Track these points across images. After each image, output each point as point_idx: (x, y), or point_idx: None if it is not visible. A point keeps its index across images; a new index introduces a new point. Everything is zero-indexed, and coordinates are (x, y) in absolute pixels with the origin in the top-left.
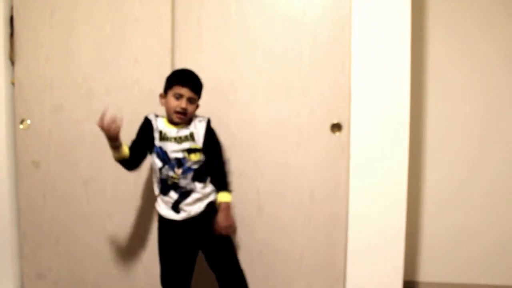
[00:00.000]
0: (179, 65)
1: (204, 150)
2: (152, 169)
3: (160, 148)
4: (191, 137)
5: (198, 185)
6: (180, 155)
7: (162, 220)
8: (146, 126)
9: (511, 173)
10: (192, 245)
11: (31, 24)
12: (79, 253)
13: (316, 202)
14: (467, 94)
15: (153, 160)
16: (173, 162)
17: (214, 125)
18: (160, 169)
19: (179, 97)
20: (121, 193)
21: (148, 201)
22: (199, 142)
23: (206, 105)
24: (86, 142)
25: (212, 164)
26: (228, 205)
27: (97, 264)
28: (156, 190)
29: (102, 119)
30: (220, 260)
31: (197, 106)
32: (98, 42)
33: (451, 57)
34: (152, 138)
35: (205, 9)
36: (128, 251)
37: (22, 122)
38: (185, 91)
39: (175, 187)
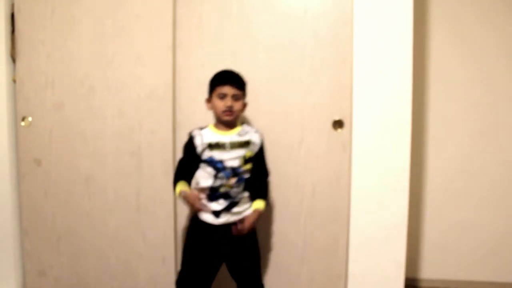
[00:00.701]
0: (181, 62)
1: (254, 160)
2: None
3: (212, 157)
4: (246, 143)
5: (245, 195)
6: (236, 163)
7: (197, 221)
8: (191, 145)
9: None
10: (220, 251)
11: (32, 21)
12: (81, 251)
13: (318, 198)
14: (469, 90)
15: (203, 168)
16: (228, 171)
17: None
18: (214, 176)
19: (223, 96)
20: (122, 190)
21: (149, 198)
22: (253, 151)
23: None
24: (87, 139)
25: (258, 174)
26: (259, 213)
27: (99, 262)
28: (203, 195)
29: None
30: (243, 272)
31: (245, 105)
32: (99, 39)
33: (453, 53)
34: (199, 155)
35: (206, 6)
36: (129, 248)
37: (23, 119)
38: (228, 89)
39: (226, 196)
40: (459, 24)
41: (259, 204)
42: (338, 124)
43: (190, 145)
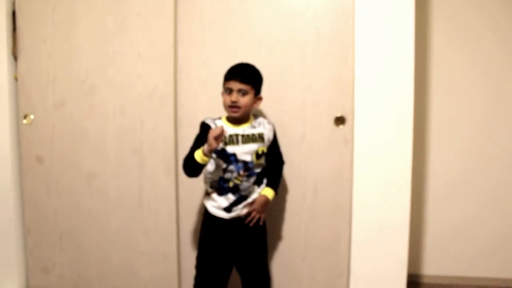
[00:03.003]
0: (182, 60)
1: (268, 153)
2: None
3: (225, 150)
4: (260, 137)
5: (256, 189)
6: (248, 158)
7: (209, 216)
8: (206, 134)
9: None
10: (232, 245)
11: (33, 19)
12: (83, 248)
13: (320, 195)
14: (471, 86)
15: (212, 161)
16: (240, 165)
17: (217, 120)
18: (224, 169)
19: (229, 91)
20: (124, 188)
21: (151, 196)
22: (266, 145)
23: (210, 100)
24: (89, 137)
25: (272, 162)
26: (267, 199)
27: (101, 259)
28: (210, 188)
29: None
30: (250, 265)
31: (259, 99)
32: (100, 37)
33: (455, 49)
34: None
35: (207, 4)
36: (131, 246)
37: (25, 117)
38: (233, 84)
39: (235, 190)
40: (461, 20)
41: (268, 191)
42: (340, 120)
43: (205, 134)
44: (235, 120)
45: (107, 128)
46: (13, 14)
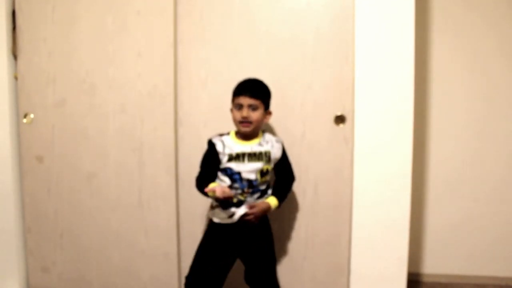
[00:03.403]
0: (182, 59)
1: (277, 168)
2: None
3: (230, 168)
4: (266, 156)
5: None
6: (253, 176)
7: (213, 225)
8: (212, 152)
9: None
10: (234, 248)
11: (33, 18)
12: (83, 247)
13: (320, 193)
14: (471, 85)
15: (219, 176)
16: (245, 183)
17: (217, 119)
18: (229, 186)
19: (239, 107)
20: (124, 187)
21: (151, 195)
22: (272, 163)
23: (210, 99)
24: (89, 136)
25: (283, 178)
26: (269, 207)
27: (101, 258)
28: (215, 202)
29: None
30: (258, 272)
31: (268, 114)
32: (101, 36)
33: (455, 49)
34: (219, 161)
35: (207, 2)
36: (131, 245)
37: (25, 116)
38: (244, 100)
39: (239, 204)
40: (460, 20)
41: (272, 200)
42: (340, 119)
43: (211, 152)
44: (244, 136)
45: (107, 127)
46: (13, 13)
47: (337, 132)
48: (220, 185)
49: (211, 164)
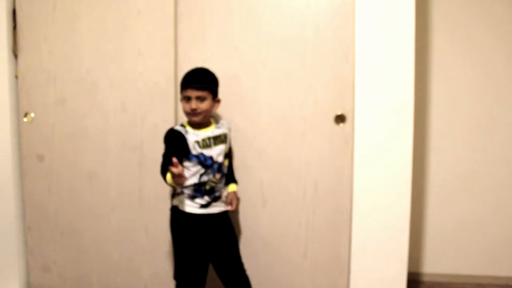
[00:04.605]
0: (183, 57)
1: (228, 153)
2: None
3: (203, 154)
4: (225, 138)
5: (224, 191)
6: (221, 159)
7: (184, 215)
8: (178, 140)
9: None
10: (209, 242)
11: (34, 17)
12: (84, 246)
13: (320, 194)
14: (472, 85)
15: (188, 167)
16: (215, 167)
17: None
18: (202, 174)
19: (188, 99)
20: (125, 185)
21: (152, 193)
22: (228, 145)
23: None
24: (90, 135)
25: (230, 163)
26: (236, 193)
27: (102, 257)
28: (187, 191)
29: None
30: (228, 266)
31: (217, 102)
32: (101, 35)
33: (456, 48)
34: (187, 150)
35: (208, 1)
36: (132, 243)
37: (26, 115)
38: (191, 92)
39: (211, 192)
40: (461, 19)
41: (235, 187)
42: (340, 118)
43: (178, 140)
44: (198, 125)
45: (108, 125)
46: (14, 12)
47: (337, 131)
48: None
49: (177, 153)
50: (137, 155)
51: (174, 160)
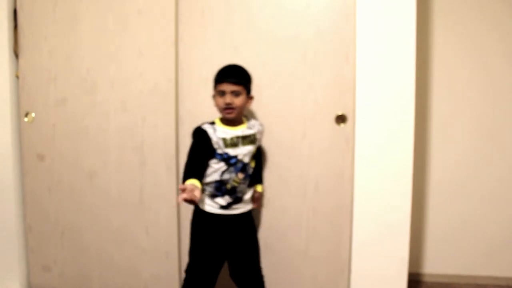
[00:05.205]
0: (183, 58)
1: (256, 153)
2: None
3: (227, 153)
4: (254, 139)
5: (248, 190)
6: (247, 159)
7: (203, 214)
8: (204, 139)
9: None
10: (227, 243)
11: (35, 17)
12: (84, 246)
13: (321, 194)
14: (473, 86)
15: (210, 164)
16: (239, 166)
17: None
18: (223, 172)
19: (222, 94)
20: (125, 186)
21: (152, 194)
22: (256, 146)
23: (211, 98)
24: (90, 135)
25: (259, 163)
26: (262, 194)
27: (102, 257)
28: (208, 189)
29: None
30: (245, 269)
31: (250, 99)
32: (102, 35)
33: (457, 48)
34: (213, 150)
35: (208, 1)
36: (132, 244)
37: (26, 115)
38: (226, 86)
39: (232, 192)
40: (462, 18)
41: (261, 188)
42: (341, 118)
43: (204, 139)
44: (230, 122)
45: (108, 125)
46: (15, 12)
47: (338, 131)
48: (193, 186)
49: (202, 152)
50: (138, 155)
51: (181, 187)
